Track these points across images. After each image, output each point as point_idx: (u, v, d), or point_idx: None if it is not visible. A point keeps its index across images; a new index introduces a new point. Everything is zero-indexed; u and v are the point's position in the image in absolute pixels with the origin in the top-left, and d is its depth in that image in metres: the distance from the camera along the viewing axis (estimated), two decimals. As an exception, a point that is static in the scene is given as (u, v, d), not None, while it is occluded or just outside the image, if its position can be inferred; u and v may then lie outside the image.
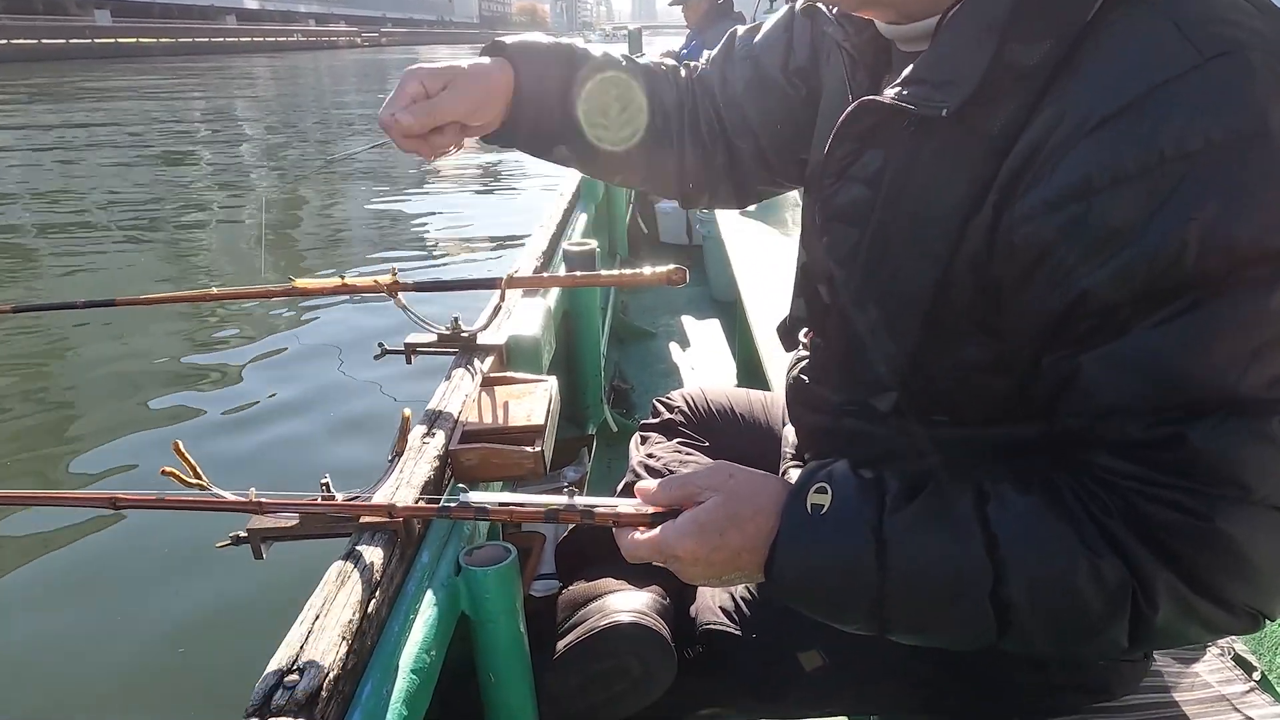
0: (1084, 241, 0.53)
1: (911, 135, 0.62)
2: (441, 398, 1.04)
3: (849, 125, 0.67)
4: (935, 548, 0.58)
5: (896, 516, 0.59)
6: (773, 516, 0.63)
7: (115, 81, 21.12)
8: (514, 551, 0.83)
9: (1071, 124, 0.52)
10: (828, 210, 0.72)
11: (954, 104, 0.57)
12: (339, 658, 0.61)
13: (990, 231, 0.58)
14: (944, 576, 0.58)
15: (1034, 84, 0.55)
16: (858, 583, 0.60)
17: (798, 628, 0.89)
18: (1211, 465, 0.52)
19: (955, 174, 0.60)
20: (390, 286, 1.14)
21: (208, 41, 44.93)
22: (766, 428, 1.16)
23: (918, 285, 0.64)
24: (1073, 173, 0.52)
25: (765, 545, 0.63)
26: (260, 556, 0.77)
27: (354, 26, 76.61)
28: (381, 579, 0.72)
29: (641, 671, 0.89)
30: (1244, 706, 0.87)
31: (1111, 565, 0.54)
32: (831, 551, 0.61)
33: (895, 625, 0.62)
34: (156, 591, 2.24)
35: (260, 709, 0.56)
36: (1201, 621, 0.56)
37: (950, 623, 0.60)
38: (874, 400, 0.72)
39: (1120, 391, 0.54)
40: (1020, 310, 0.59)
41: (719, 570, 0.65)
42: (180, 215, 6.99)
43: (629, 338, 3.33)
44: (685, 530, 0.64)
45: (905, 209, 0.64)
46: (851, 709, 0.96)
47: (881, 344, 0.69)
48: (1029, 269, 0.56)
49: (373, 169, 9.08)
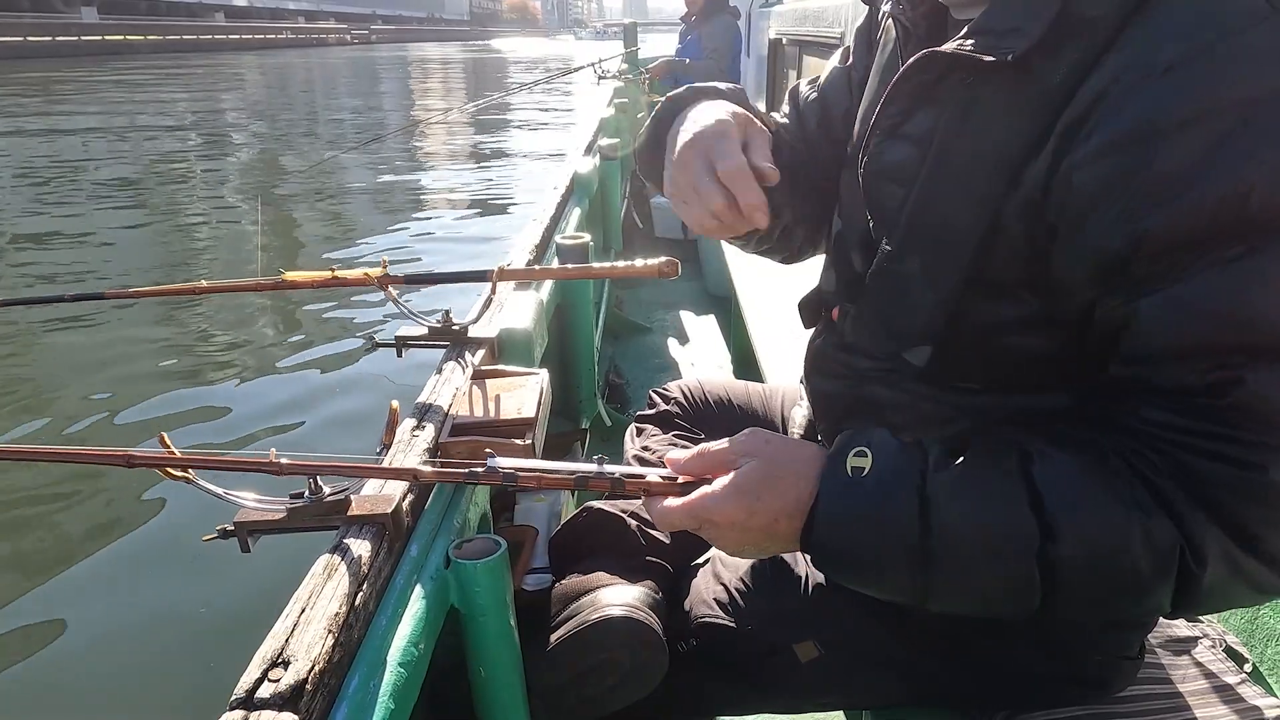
0: (1145, 184, 0.53)
1: (968, 87, 0.62)
2: (432, 391, 1.04)
3: (903, 83, 0.67)
4: (980, 507, 0.57)
5: (939, 476, 0.58)
6: (812, 480, 0.62)
7: (102, 79, 20.96)
8: (504, 545, 0.83)
9: (1139, 70, 0.53)
10: (873, 167, 0.71)
11: (1020, 49, 0.57)
12: (325, 651, 0.61)
13: (1048, 177, 0.57)
14: (990, 536, 0.57)
15: (1100, 34, 0.55)
16: (901, 545, 0.58)
17: (792, 619, 0.89)
18: (1264, 413, 0.52)
19: (1012, 122, 0.59)
20: (381, 279, 1.13)
21: (196, 39, 44.51)
22: (765, 420, 1.16)
23: (963, 231, 0.63)
24: (1137, 116, 0.52)
25: (804, 509, 0.61)
26: (247, 550, 0.77)
27: (344, 24, 75.94)
28: (369, 572, 0.71)
29: (633, 665, 0.88)
30: (1236, 698, 0.87)
31: (1161, 524, 0.54)
32: (874, 513, 0.59)
33: (937, 590, 0.60)
34: (141, 583, 2.24)
35: (244, 702, 0.56)
36: (1248, 580, 0.55)
37: (995, 585, 0.59)
38: (909, 355, 0.70)
39: (1178, 335, 0.54)
40: (1075, 256, 0.58)
41: (756, 538, 0.63)
42: (169, 212, 6.96)
43: (623, 332, 3.32)
44: (723, 494, 0.62)
45: (956, 158, 0.64)
46: (846, 701, 0.96)
47: (921, 294, 0.67)
48: (1086, 211, 0.56)
49: (364, 164, 9.05)
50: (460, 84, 24.25)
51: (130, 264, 5.44)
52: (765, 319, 1.97)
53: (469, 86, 22.87)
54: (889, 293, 0.72)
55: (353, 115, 14.19)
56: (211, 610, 2.08)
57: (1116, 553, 0.55)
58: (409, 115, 14.70)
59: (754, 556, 0.81)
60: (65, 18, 36.51)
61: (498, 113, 14.19)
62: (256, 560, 0.79)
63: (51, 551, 2.42)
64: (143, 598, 2.19)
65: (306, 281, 1.14)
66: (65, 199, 7.21)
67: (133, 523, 2.48)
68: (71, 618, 2.13)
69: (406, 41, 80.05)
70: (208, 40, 45.73)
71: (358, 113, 14.97)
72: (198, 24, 48.88)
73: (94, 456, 0.72)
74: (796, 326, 0.91)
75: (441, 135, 11.52)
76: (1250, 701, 0.87)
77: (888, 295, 0.72)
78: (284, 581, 0.72)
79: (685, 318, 3.57)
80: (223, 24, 52.03)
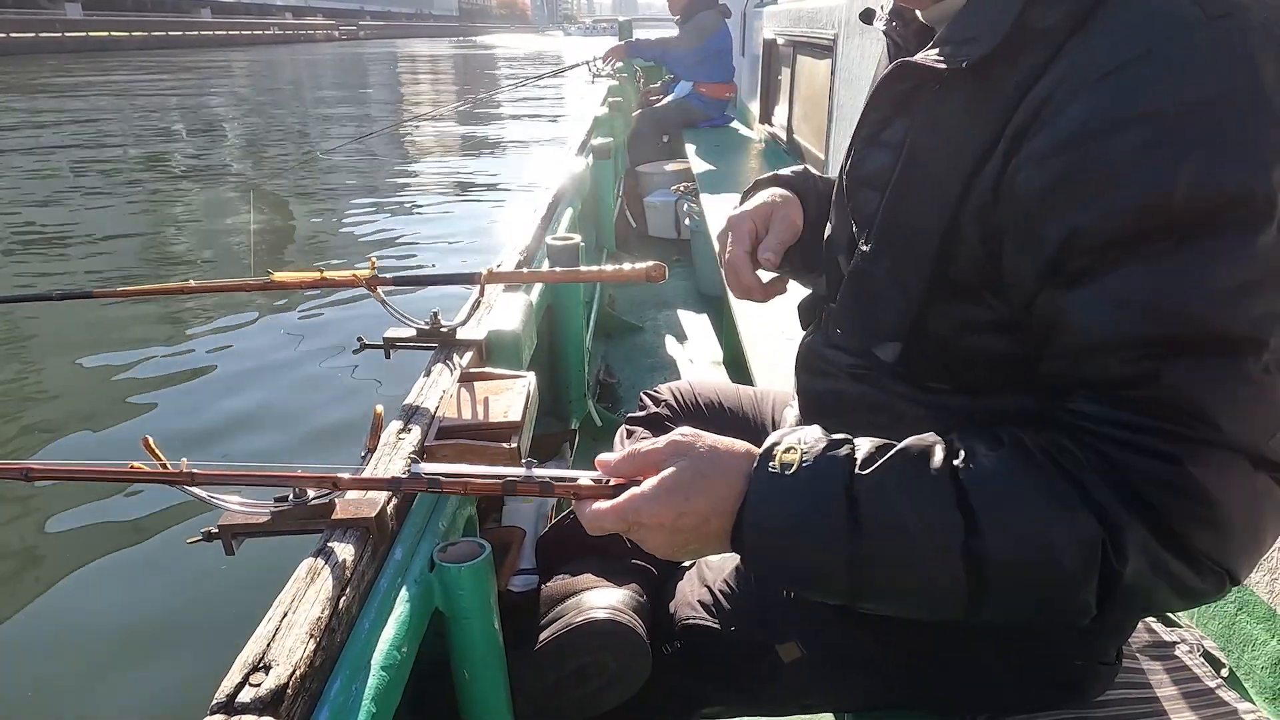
0: (1079, 182, 0.55)
1: (935, 96, 0.65)
2: (419, 393, 1.04)
3: (883, 90, 0.70)
4: (906, 502, 0.58)
5: (867, 473, 0.59)
6: (740, 479, 0.62)
7: (87, 76, 20.75)
8: (488, 548, 0.83)
9: (1079, 76, 0.55)
10: (854, 174, 0.74)
11: (974, 57, 0.60)
12: (307, 654, 0.61)
13: (997, 181, 0.60)
14: (916, 531, 0.57)
15: (1050, 43, 0.57)
16: (830, 543, 0.59)
17: (776, 620, 0.90)
18: (1185, 404, 0.52)
19: (971, 128, 0.62)
20: (369, 280, 1.13)
21: (181, 35, 43.97)
22: (755, 423, 1.16)
23: (927, 235, 0.65)
24: (1075, 119, 0.54)
25: (733, 509, 0.61)
26: (231, 552, 0.77)
27: (331, 20, 75.23)
28: (352, 575, 0.72)
29: (616, 668, 0.89)
30: (1213, 703, 0.88)
31: (1084, 518, 0.54)
32: (801, 510, 0.59)
33: (868, 589, 0.60)
34: (123, 585, 2.23)
35: (225, 706, 0.56)
36: (1170, 581, 0.55)
37: (922, 582, 0.59)
38: (879, 350, 0.72)
39: (1105, 327, 0.55)
40: (1020, 256, 0.59)
41: (686, 539, 0.63)
42: (156, 211, 6.90)
43: (615, 331, 3.32)
44: (650, 495, 0.62)
45: (922, 164, 0.66)
46: (829, 703, 0.96)
47: (891, 294, 0.70)
48: (1028, 211, 0.58)
49: (354, 165, 9.01)
50: (452, 81, 24.14)
51: (116, 264, 5.40)
52: (756, 320, 1.98)
53: (460, 83, 22.77)
54: (863, 292, 0.74)
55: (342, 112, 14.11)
56: (194, 614, 2.07)
57: (1042, 548, 0.55)
58: (400, 112, 14.61)
59: (686, 558, 0.81)
60: (49, 14, 36.02)
61: (490, 110, 14.15)
62: (240, 564, 0.79)
63: (31, 552, 2.41)
64: (125, 600, 2.17)
65: (295, 282, 1.14)
66: (50, 199, 7.15)
67: (116, 525, 2.47)
68: (51, 619, 2.12)
69: (395, 38, 79.24)
70: (194, 36, 45.12)
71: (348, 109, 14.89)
72: (184, 20, 48.19)
73: (93, 473, 0.71)
74: (786, 328, 0.92)
75: (432, 133, 11.48)
76: (1227, 706, 0.87)
77: (862, 293, 0.74)
78: (267, 585, 0.72)
79: (677, 317, 3.57)
80: (209, 20, 51.35)
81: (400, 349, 1.20)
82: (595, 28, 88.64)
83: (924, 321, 0.68)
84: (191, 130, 11.79)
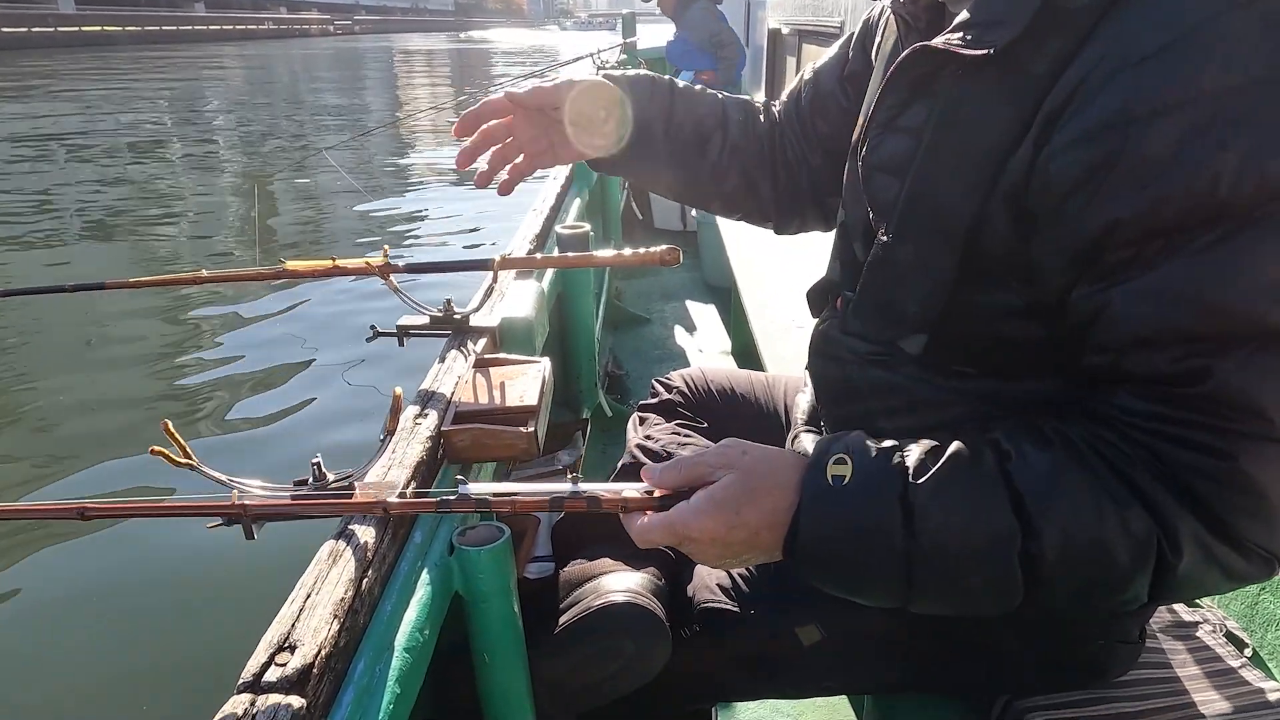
0: (1119, 171, 0.53)
1: (958, 79, 0.63)
2: (434, 379, 1.04)
3: (900, 74, 0.67)
4: (962, 509, 0.57)
5: (921, 481, 0.58)
6: (791, 490, 0.61)
7: (81, 71, 20.72)
8: (507, 531, 0.83)
9: (1115, 59, 0.53)
10: (871, 160, 0.72)
11: (1001, 42, 0.57)
12: (330, 635, 0.61)
13: (1028, 165, 0.58)
14: (972, 538, 0.57)
15: (1081, 24, 0.55)
16: (885, 552, 0.58)
17: (795, 603, 0.89)
18: (1236, 400, 0.52)
19: (1000, 112, 0.60)
20: (382, 268, 1.13)
21: (175, 30, 43.71)
22: (768, 409, 1.16)
23: (956, 221, 0.63)
24: (1111, 104, 0.53)
25: (785, 520, 0.61)
26: (252, 536, 0.77)
27: (326, 15, 74.68)
28: (374, 558, 0.72)
29: (635, 651, 0.89)
30: (1236, 682, 0.88)
31: (1137, 515, 0.54)
32: (857, 522, 0.59)
33: (922, 594, 0.60)
34: (147, 568, 2.24)
35: (251, 686, 0.56)
36: (1220, 568, 0.55)
37: (978, 585, 0.59)
38: (904, 343, 0.71)
39: (1150, 323, 0.54)
40: (1052, 244, 0.59)
41: (737, 551, 0.63)
42: (159, 204, 6.92)
43: (623, 323, 3.32)
44: (701, 509, 0.61)
45: (949, 149, 0.64)
46: (848, 687, 0.96)
47: (917, 282, 0.68)
48: (1063, 199, 0.56)
49: (361, 155, 9.01)
50: (449, 76, 24.09)
51: (123, 256, 5.42)
52: (765, 309, 1.97)
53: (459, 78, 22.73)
54: (885, 280, 0.72)
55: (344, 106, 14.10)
56: (217, 595, 2.09)
57: (1095, 546, 0.55)
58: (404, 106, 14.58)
59: (736, 567, 0.80)
60: (41, 8, 35.68)
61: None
62: (260, 546, 0.79)
63: (54, 535, 2.42)
64: (149, 582, 2.20)
65: (308, 270, 1.13)
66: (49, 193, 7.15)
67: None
68: (78, 602, 2.14)
69: (390, 32, 78.94)
70: (188, 31, 44.82)
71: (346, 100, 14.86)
72: (177, 14, 47.75)
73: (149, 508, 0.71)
74: (797, 316, 0.91)
75: (439, 124, 11.46)
76: (1251, 685, 0.87)
77: (884, 283, 0.73)
78: (288, 567, 0.72)
79: (684, 308, 3.57)
80: (203, 14, 50.84)
81: (414, 336, 1.20)
82: (591, 22, 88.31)
83: (952, 306, 0.67)
84: (189, 126, 11.78)
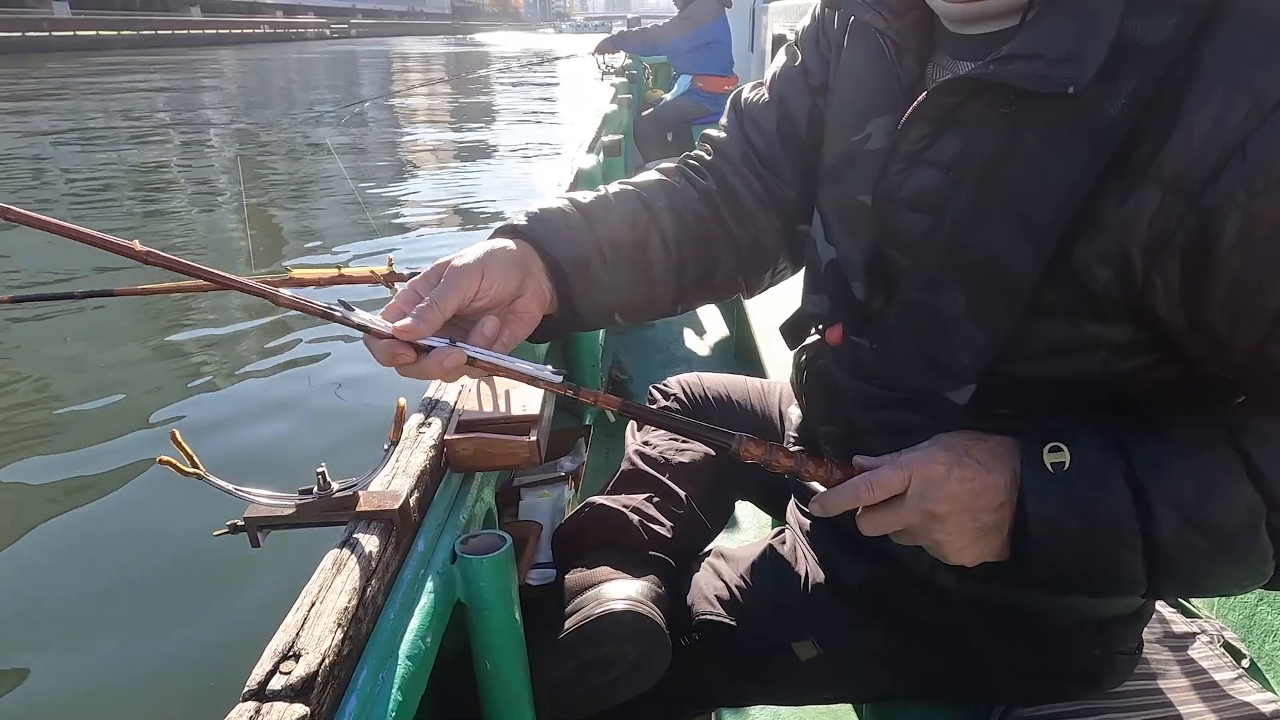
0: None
1: (1005, 116, 0.59)
2: (438, 387, 1.05)
3: (926, 107, 0.65)
4: (1198, 483, 0.55)
5: (1146, 457, 0.56)
6: (1011, 474, 0.60)
7: (75, 75, 20.72)
8: (509, 540, 0.84)
9: (1245, 105, 0.50)
10: (896, 195, 0.68)
11: (1082, 80, 0.53)
12: (335, 644, 0.62)
13: (1151, 216, 0.54)
14: (1212, 511, 0.55)
15: (1159, 60, 0.52)
16: (1120, 536, 0.56)
17: (791, 618, 0.90)
18: None
19: (1068, 154, 0.56)
20: (387, 276, 1.14)
21: (171, 34, 43.48)
22: (764, 415, 1.17)
23: (1020, 268, 0.60)
24: (1268, 155, 0.50)
25: (1014, 500, 0.59)
26: (257, 545, 0.78)
27: (323, 18, 74.31)
28: (377, 566, 0.72)
29: (636, 658, 0.89)
30: (1233, 693, 0.88)
31: None
32: (1087, 507, 0.57)
33: (1165, 576, 0.58)
34: (152, 577, 2.26)
35: (256, 694, 0.57)
36: None
37: (1227, 561, 0.57)
38: (952, 395, 0.67)
39: None
40: (1213, 301, 0.55)
41: (983, 526, 0.60)
42: (155, 208, 6.91)
43: (626, 328, 3.33)
44: (939, 477, 0.60)
45: (1001, 190, 0.60)
46: (844, 696, 0.97)
47: (971, 332, 0.65)
48: (1226, 259, 0.53)
49: (362, 155, 9.03)
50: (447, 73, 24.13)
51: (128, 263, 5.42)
52: (767, 313, 1.98)
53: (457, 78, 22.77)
54: (924, 328, 0.68)
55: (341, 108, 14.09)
56: (222, 603, 2.10)
57: None
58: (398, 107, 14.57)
59: (970, 560, 0.64)
60: (36, 12, 35.56)
61: (497, 109, 14.17)
62: (265, 555, 0.81)
63: (62, 543, 2.44)
64: (154, 590, 2.21)
65: (313, 279, 1.15)
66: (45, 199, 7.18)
67: (143, 517, 2.50)
68: (83, 609, 2.15)
69: (387, 36, 78.61)
70: (184, 35, 44.54)
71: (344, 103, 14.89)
72: (173, 18, 47.57)
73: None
74: None
75: (441, 130, 11.50)
76: (1247, 697, 0.87)
77: (922, 330, 0.69)
78: (293, 576, 0.73)
79: (687, 313, 3.58)
80: (198, 18, 50.58)
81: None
82: (588, 25, 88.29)
83: (1009, 351, 0.63)
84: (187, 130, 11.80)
